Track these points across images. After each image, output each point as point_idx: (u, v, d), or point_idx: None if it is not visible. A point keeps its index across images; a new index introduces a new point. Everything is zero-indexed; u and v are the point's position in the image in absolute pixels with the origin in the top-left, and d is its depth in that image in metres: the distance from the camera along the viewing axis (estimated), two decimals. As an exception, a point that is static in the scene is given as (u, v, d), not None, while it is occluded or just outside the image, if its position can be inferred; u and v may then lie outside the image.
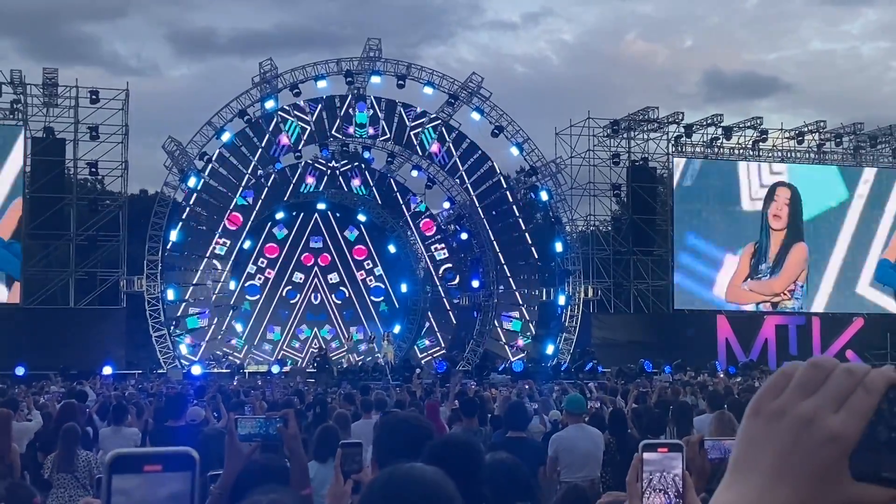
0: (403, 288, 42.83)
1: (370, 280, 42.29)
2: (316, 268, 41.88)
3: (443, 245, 41.86)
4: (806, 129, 42.08)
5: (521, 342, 39.04)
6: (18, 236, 34.37)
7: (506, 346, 38.59)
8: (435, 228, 41.98)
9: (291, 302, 41.34)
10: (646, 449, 2.65)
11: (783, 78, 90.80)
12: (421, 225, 41.85)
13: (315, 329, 41.42)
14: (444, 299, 41.97)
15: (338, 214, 42.18)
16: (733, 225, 40.74)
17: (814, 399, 0.99)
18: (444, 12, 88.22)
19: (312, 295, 41.74)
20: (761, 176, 41.29)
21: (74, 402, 11.56)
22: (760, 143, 41.45)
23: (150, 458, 1.32)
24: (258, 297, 40.58)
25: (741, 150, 41.61)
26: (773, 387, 1.03)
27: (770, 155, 41.93)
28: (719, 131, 40.76)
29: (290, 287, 41.31)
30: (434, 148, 38.57)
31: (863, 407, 0.97)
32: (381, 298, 42.56)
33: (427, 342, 41.75)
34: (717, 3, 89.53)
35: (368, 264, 42.46)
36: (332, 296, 41.93)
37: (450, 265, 41.94)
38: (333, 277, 41.95)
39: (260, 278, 40.75)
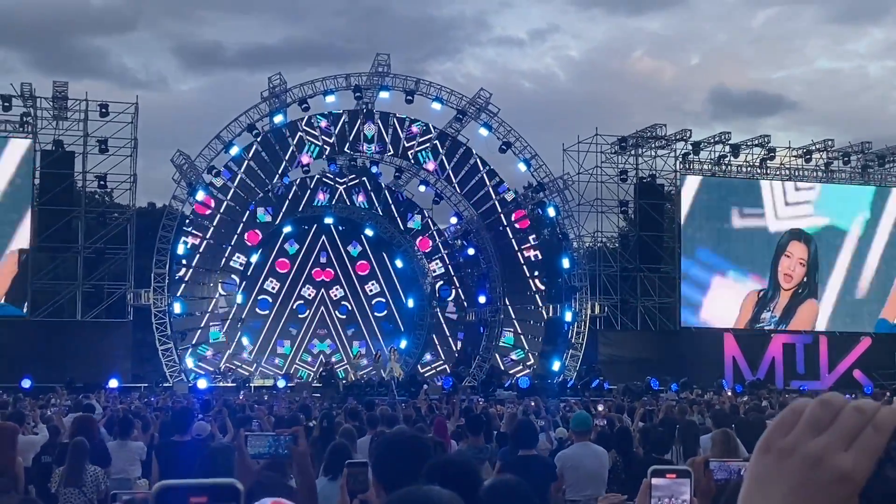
0: (410, 303, 42.81)
1: (371, 291, 42.25)
2: (353, 278, 42.19)
3: (439, 261, 41.92)
4: (814, 148, 42.06)
5: (513, 356, 39.01)
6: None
7: (500, 359, 38.69)
8: (431, 246, 41.95)
9: (301, 316, 41.36)
10: (654, 474, 2.65)
11: (789, 96, 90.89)
12: (418, 242, 41.86)
13: (327, 341, 41.56)
14: (440, 314, 41.95)
15: (341, 228, 42.22)
16: (750, 245, 40.59)
17: (824, 437, 0.99)
18: (450, 28, 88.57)
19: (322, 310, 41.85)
20: (786, 194, 41.21)
21: (91, 416, 11.57)
22: (768, 161, 41.45)
23: (196, 490, 1.33)
24: (268, 311, 40.62)
25: (749, 168, 41.60)
26: (782, 424, 1.03)
27: (778, 173, 41.92)
28: (727, 149, 40.76)
29: (300, 301, 41.37)
30: (430, 166, 38.61)
31: (872, 446, 0.98)
32: (384, 314, 42.52)
33: (429, 356, 41.75)
34: (723, 21, 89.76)
35: (372, 283, 42.45)
36: (336, 311, 41.95)
37: (443, 281, 42.01)
38: (336, 292, 41.99)
39: (271, 292, 40.82)
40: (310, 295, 41.48)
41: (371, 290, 42.04)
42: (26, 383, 29.16)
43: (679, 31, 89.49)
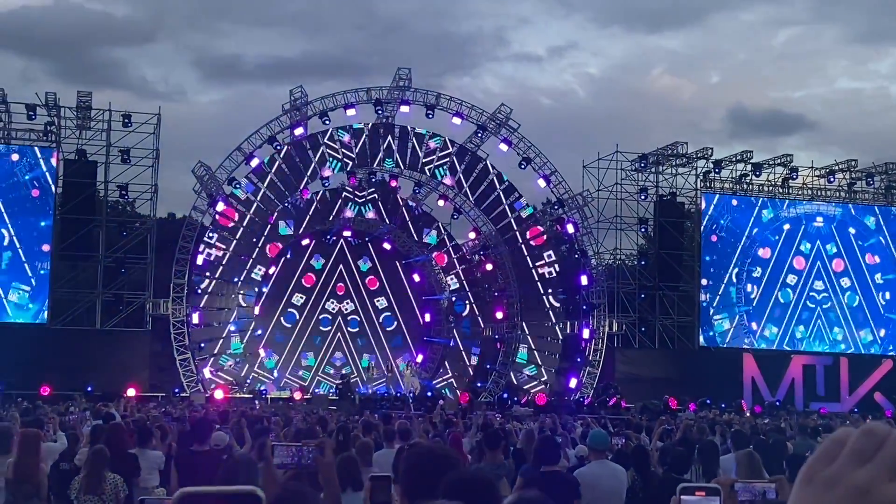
0: (427, 317, 42.82)
1: (380, 304, 42.42)
2: (362, 292, 42.41)
3: (455, 276, 42.00)
4: (837, 168, 41.85)
5: (527, 372, 38.91)
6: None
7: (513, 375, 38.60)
8: (446, 261, 42.04)
9: (324, 329, 41.60)
10: (684, 492, 2.63)
11: (809, 116, 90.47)
12: (434, 257, 41.99)
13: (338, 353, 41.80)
14: (455, 329, 42.00)
15: (355, 242, 42.43)
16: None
17: (869, 468, 0.98)
18: (469, 43, 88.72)
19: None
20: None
21: (121, 424, 11.59)
22: (790, 181, 41.30)
23: (217, 498, 1.32)
24: (292, 324, 40.92)
25: (770, 188, 41.43)
26: (825, 454, 1.01)
27: (800, 193, 41.73)
28: (748, 167, 40.61)
29: (325, 315, 41.66)
30: (448, 181, 38.69)
31: None
32: (393, 327, 42.60)
33: (442, 370, 41.78)
34: (744, 39, 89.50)
35: (380, 298, 42.62)
36: (347, 326, 42.12)
37: (455, 297, 42.10)
38: (347, 306, 42.24)
39: (297, 305, 41.16)
40: (334, 309, 41.75)
41: (380, 305, 42.24)
42: (45, 391, 29.28)
43: (698, 50, 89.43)
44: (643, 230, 40.50)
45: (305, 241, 41.42)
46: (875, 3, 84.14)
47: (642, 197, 39.92)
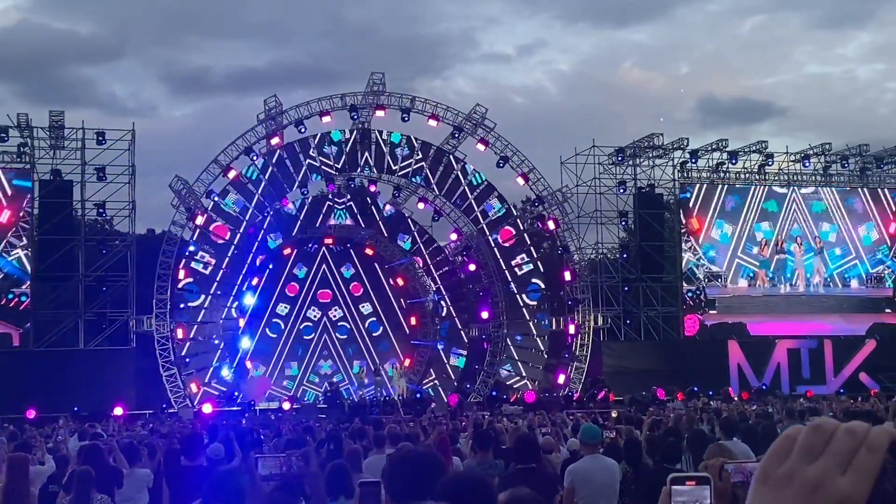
0: (413, 321, 42.80)
1: (365, 311, 42.44)
2: (348, 299, 42.39)
3: (439, 278, 42.09)
4: (811, 152, 42.12)
5: (510, 370, 39.12)
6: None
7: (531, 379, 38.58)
8: (429, 263, 42.10)
9: (307, 338, 41.54)
10: (674, 482, 2.62)
11: (779, 102, 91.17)
12: (419, 261, 42.15)
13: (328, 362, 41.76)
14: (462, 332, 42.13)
15: (337, 249, 42.41)
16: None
17: (820, 463, 1.00)
18: (438, 46, 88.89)
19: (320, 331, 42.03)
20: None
21: (99, 444, 11.52)
22: (766, 167, 41.54)
23: None
24: (277, 334, 40.90)
25: (748, 175, 41.64)
26: (778, 453, 1.05)
27: (777, 178, 41.98)
28: (725, 156, 40.80)
29: (307, 324, 41.59)
30: (424, 185, 38.81)
31: (868, 466, 0.99)
32: (379, 332, 42.59)
33: (432, 372, 41.81)
34: (710, 30, 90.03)
35: (365, 303, 42.64)
36: (335, 332, 42.06)
37: (439, 298, 42.27)
38: (336, 313, 42.22)
39: (283, 313, 41.12)
40: (315, 317, 41.70)
41: (364, 311, 42.24)
42: (31, 414, 29.06)
43: (666, 42, 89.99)
44: (624, 223, 40.61)
45: (287, 251, 41.37)
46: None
47: (621, 190, 40.04)
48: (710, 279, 41.16)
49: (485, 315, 40.14)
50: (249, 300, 39.02)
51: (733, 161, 40.83)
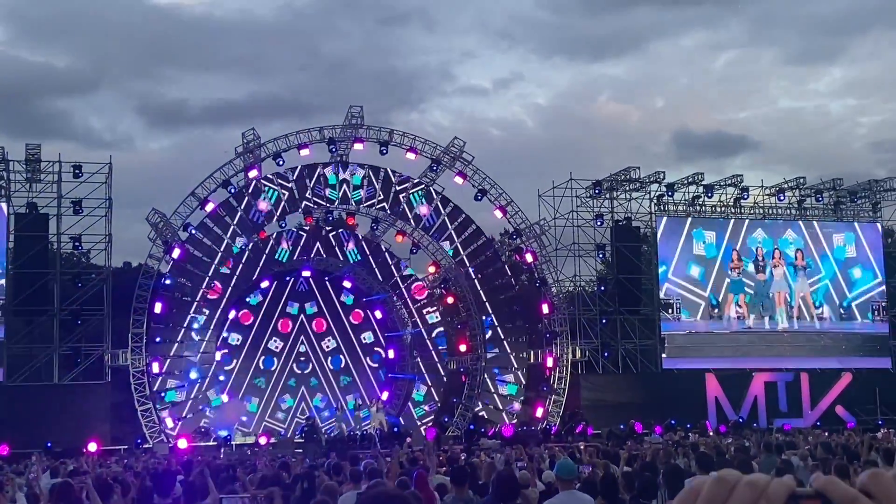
0: (391, 354, 42.66)
1: (328, 347, 42.32)
2: (310, 334, 42.07)
3: (435, 308, 41.93)
4: (786, 186, 42.50)
5: (517, 406, 38.77)
6: None
7: (502, 413, 38.30)
8: (426, 293, 42.08)
9: (270, 370, 41.23)
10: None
11: (752, 136, 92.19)
12: (413, 289, 41.94)
13: (302, 392, 41.44)
14: (439, 364, 41.80)
15: (302, 288, 42.33)
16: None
17: None
18: (415, 79, 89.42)
19: (295, 363, 41.69)
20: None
21: (70, 482, 11.38)
22: (742, 201, 41.88)
23: None
24: (232, 365, 40.37)
25: (723, 208, 41.96)
26: (682, 502, 1.08)
27: (752, 212, 42.31)
28: (701, 189, 41.10)
29: (265, 355, 41.28)
30: (423, 210, 38.78)
31: None
32: (377, 364, 42.50)
33: (426, 408, 41.47)
34: (685, 64, 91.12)
35: (366, 334, 42.61)
36: (328, 362, 41.86)
37: (441, 328, 42.00)
38: (329, 343, 42.07)
39: (235, 344, 40.73)
40: (277, 348, 41.41)
41: (328, 346, 42.12)
42: (3, 450, 28.71)
43: (641, 76, 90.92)
44: (601, 256, 40.76)
45: (265, 284, 41.20)
46: (808, 25, 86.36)
47: (598, 223, 40.22)
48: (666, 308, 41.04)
49: (463, 348, 40.06)
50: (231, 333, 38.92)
51: (709, 195, 41.13)
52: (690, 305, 41.08)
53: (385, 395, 41.57)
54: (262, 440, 33.84)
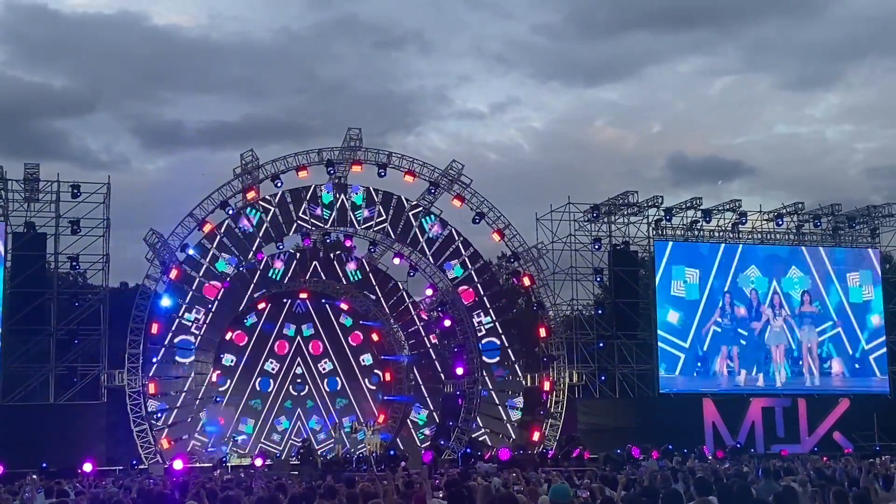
0: (387, 377, 42.57)
1: (324, 370, 42.30)
2: (307, 356, 42.07)
3: (414, 334, 42.09)
4: (784, 211, 42.57)
5: (511, 430, 38.66)
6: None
7: (503, 437, 38.15)
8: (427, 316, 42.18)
9: (266, 392, 41.28)
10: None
11: (748, 161, 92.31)
12: (412, 311, 42.09)
13: (299, 414, 41.42)
14: (439, 386, 41.82)
15: (313, 304, 42.37)
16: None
17: None
18: (411, 103, 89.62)
19: (292, 385, 41.70)
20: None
21: (67, 501, 11.36)
22: (740, 226, 41.91)
23: None
24: (226, 386, 40.45)
25: (721, 233, 42.00)
26: None
27: (749, 237, 42.35)
28: (699, 214, 41.14)
29: (262, 377, 41.34)
30: (437, 229, 38.73)
31: None
32: (375, 387, 42.44)
33: (427, 432, 41.39)
34: (681, 90, 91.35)
35: (365, 356, 42.60)
36: (324, 384, 41.84)
37: (416, 352, 42.16)
38: (326, 365, 42.07)
39: (230, 366, 40.72)
40: (273, 369, 41.50)
41: (324, 368, 42.10)
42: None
43: (638, 101, 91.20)
44: (598, 280, 40.75)
45: (262, 305, 41.22)
46: (804, 52, 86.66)
47: (596, 247, 40.23)
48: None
49: (459, 371, 39.98)
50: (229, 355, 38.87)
51: (707, 219, 41.17)
52: (668, 359, 40.17)
53: (381, 418, 41.47)
54: (259, 462, 33.69)
